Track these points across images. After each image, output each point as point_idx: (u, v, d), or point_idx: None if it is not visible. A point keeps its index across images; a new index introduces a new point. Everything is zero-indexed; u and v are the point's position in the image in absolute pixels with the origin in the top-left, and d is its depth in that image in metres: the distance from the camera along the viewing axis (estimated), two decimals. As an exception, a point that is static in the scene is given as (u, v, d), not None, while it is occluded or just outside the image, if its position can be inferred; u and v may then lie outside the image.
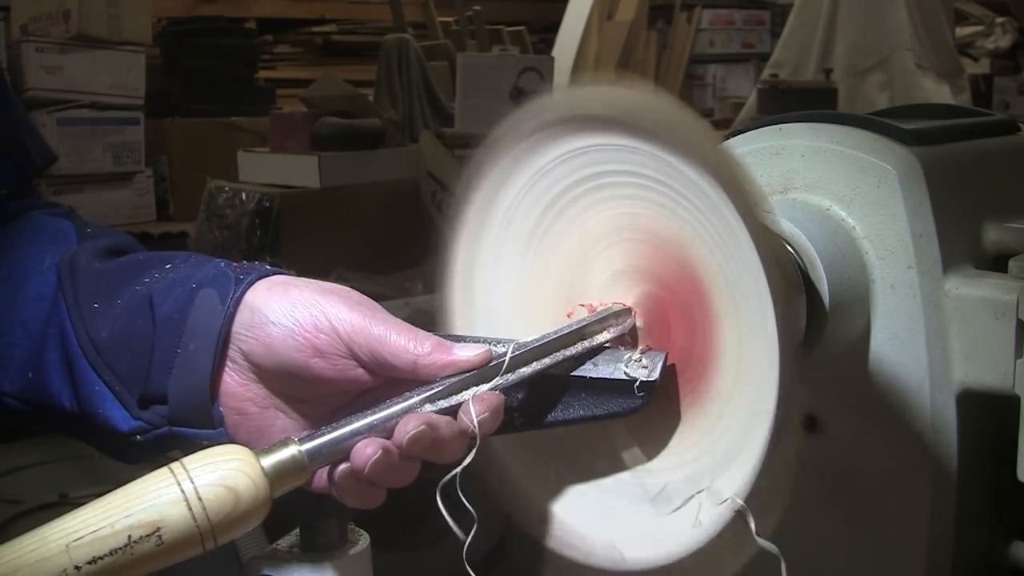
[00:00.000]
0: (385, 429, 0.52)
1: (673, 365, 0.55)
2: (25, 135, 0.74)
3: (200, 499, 0.48)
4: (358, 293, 0.59)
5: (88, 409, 0.62)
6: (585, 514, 0.57)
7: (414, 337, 0.55)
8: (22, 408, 0.64)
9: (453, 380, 0.53)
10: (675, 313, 0.56)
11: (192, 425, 0.60)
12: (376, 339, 0.55)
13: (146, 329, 0.60)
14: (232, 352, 0.58)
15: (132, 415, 0.61)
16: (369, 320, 0.56)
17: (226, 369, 0.58)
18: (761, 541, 0.50)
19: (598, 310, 0.57)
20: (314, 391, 0.57)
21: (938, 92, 3.54)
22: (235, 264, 0.62)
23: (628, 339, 0.58)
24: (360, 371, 0.56)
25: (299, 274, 0.64)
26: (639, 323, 0.58)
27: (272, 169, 2.32)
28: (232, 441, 0.58)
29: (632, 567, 0.55)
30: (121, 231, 0.70)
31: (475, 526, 0.52)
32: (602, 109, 0.53)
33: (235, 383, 0.58)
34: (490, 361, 0.53)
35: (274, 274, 0.61)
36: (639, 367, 0.52)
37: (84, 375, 0.61)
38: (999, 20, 4.23)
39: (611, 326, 0.55)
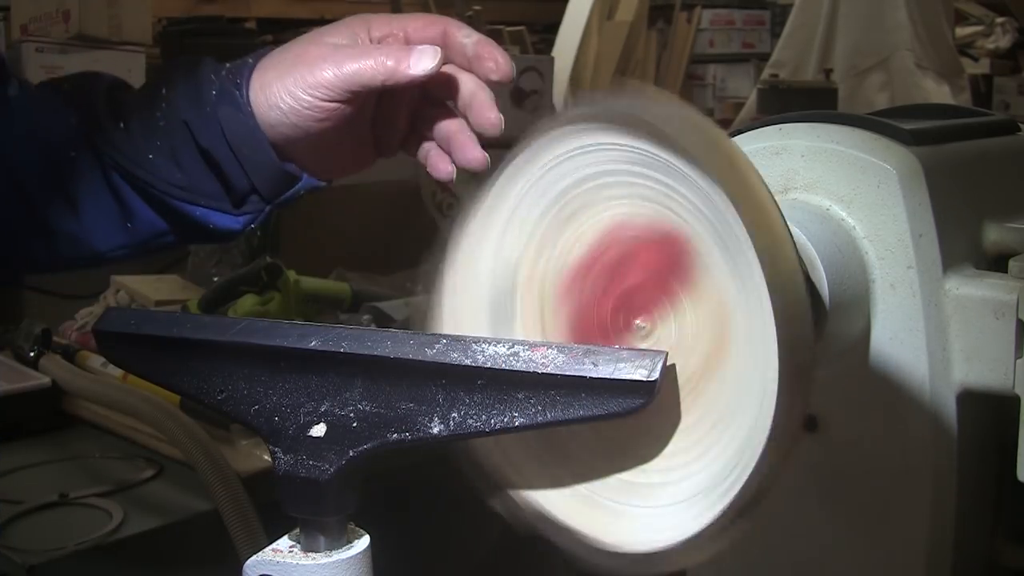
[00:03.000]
0: None
1: (673, 365, 0.55)
2: None
3: None
4: (319, 47, 0.68)
5: (202, 228, 0.73)
6: (584, 513, 0.57)
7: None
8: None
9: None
10: (676, 312, 0.56)
11: (285, 190, 0.73)
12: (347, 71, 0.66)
13: (200, 160, 0.71)
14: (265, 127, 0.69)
15: (235, 216, 0.73)
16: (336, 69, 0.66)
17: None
18: None
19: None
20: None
21: (938, 92, 3.55)
22: (221, 80, 0.71)
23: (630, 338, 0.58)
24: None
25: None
26: (640, 322, 0.58)
27: (272, 169, 2.32)
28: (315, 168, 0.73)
29: (629, 559, 0.55)
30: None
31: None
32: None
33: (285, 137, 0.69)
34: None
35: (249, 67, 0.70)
36: (639, 367, 0.52)
37: (180, 208, 0.72)
38: (999, 20, 4.23)
39: None
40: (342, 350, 0.57)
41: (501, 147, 0.61)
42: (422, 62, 0.66)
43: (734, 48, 4.95)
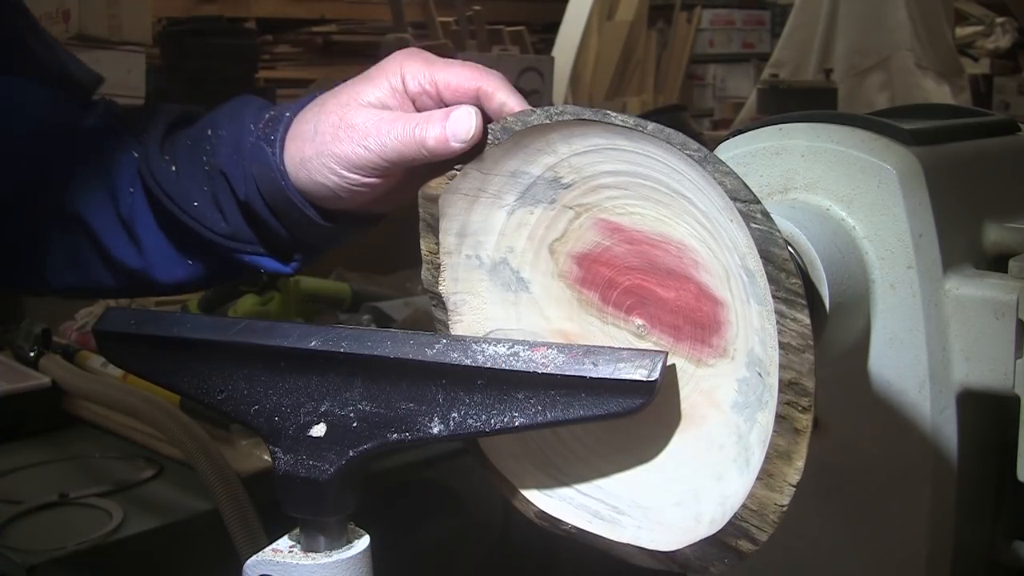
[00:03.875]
0: None
1: (673, 365, 0.55)
2: (68, 63, 0.79)
3: None
4: (352, 115, 0.65)
5: (253, 270, 0.74)
6: (584, 514, 0.57)
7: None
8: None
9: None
10: (675, 311, 0.56)
11: (327, 240, 0.72)
12: (389, 152, 0.63)
13: (240, 211, 0.70)
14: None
15: (286, 263, 0.73)
16: (370, 147, 0.63)
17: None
18: None
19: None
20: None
21: (938, 92, 3.55)
22: (258, 132, 0.69)
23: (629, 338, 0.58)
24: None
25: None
26: (639, 321, 0.58)
27: (272, 169, 2.32)
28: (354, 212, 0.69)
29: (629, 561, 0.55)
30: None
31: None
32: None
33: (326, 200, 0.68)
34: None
35: (279, 128, 0.68)
36: (639, 367, 0.52)
37: (228, 255, 0.72)
38: (999, 20, 4.23)
39: None
40: (342, 350, 0.57)
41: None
42: (459, 133, 0.61)
43: (734, 48, 4.95)
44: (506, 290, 0.62)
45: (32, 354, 1.44)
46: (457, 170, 0.60)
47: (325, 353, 0.57)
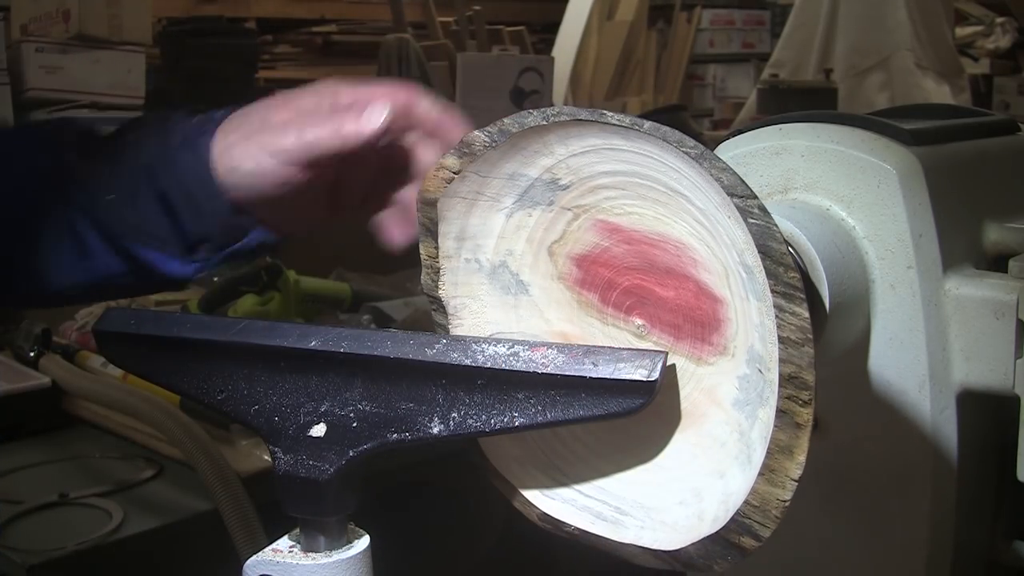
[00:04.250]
0: None
1: (673, 365, 0.55)
2: None
3: None
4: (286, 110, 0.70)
5: (153, 271, 0.74)
6: (587, 515, 0.57)
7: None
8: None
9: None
10: (674, 310, 0.56)
11: (236, 241, 0.73)
12: (308, 137, 0.67)
13: (155, 202, 0.72)
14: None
15: (185, 263, 0.74)
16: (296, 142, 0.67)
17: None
18: None
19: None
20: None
21: (938, 92, 3.55)
22: (191, 122, 0.73)
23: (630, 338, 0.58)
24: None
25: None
26: (639, 321, 0.58)
27: (272, 169, 2.32)
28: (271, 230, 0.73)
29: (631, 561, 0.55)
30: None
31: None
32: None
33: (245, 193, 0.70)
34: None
35: (208, 128, 0.71)
36: (639, 367, 0.52)
37: (131, 249, 0.73)
38: (999, 20, 4.23)
39: None
40: (342, 350, 0.57)
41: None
42: (371, 120, 0.67)
43: (734, 48, 4.95)
44: (506, 293, 0.62)
45: (32, 354, 1.44)
46: (455, 174, 0.60)
47: (325, 353, 0.57)
